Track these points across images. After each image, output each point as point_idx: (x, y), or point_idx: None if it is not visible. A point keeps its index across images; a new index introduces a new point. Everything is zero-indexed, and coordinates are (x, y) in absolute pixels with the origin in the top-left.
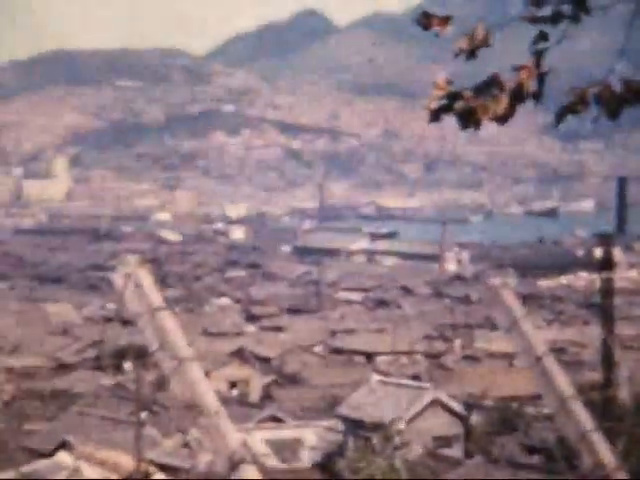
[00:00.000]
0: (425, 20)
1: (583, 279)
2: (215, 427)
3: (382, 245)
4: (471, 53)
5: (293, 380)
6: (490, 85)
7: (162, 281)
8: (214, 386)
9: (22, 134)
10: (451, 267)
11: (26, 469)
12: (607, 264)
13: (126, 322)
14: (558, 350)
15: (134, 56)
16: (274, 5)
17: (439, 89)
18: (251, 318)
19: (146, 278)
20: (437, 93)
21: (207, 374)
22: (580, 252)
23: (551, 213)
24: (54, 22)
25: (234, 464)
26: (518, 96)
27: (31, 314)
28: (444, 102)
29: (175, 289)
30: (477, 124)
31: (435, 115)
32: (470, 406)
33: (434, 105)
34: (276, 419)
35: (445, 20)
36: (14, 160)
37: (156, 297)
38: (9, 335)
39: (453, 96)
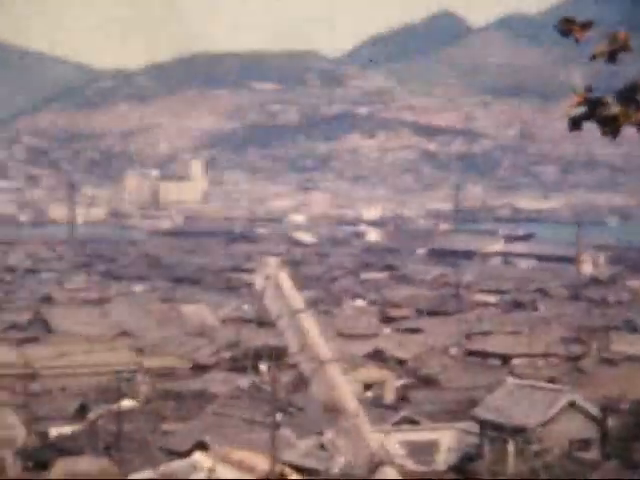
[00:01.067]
0: (566, 26)
1: None
2: (355, 429)
3: (518, 247)
4: (611, 57)
5: (428, 382)
6: (633, 90)
7: (297, 283)
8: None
9: (159, 136)
10: (588, 269)
11: (163, 469)
12: None
13: (262, 323)
14: None
15: (270, 58)
16: (409, 6)
17: (578, 97)
18: (386, 320)
19: (286, 280)
20: (576, 101)
21: None
22: None
23: None
24: (192, 25)
25: (374, 465)
26: None
27: (168, 315)
28: (584, 110)
29: (310, 291)
30: (616, 131)
31: (575, 123)
32: (607, 409)
33: (573, 113)
34: (412, 421)
35: (586, 26)
36: (151, 162)
37: (297, 299)
38: (147, 336)
39: (594, 103)
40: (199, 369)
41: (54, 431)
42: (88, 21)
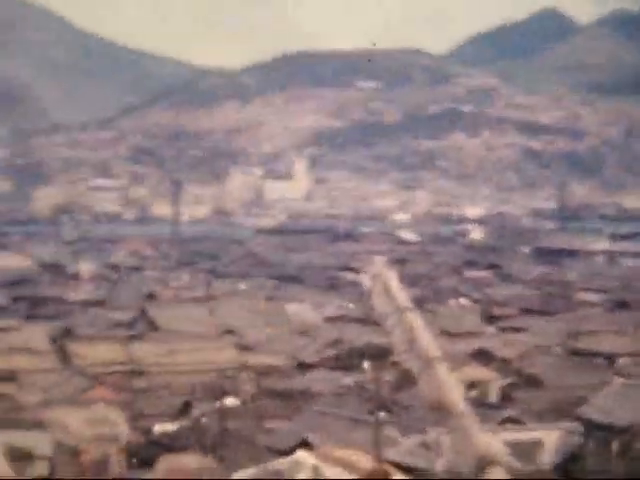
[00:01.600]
0: None
1: None
2: (462, 428)
3: (623, 246)
4: None
5: (533, 381)
6: None
7: (401, 281)
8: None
9: (262, 135)
10: None
11: (267, 467)
12: None
13: (366, 322)
14: None
15: (375, 57)
16: (513, 4)
17: None
18: (490, 319)
19: (393, 279)
20: None
21: None
22: None
23: None
24: (295, 24)
25: (482, 465)
26: None
27: (272, 313)
28: None
29: (414, 289)
30: None
31: None
32: None
33: None
34: (516, 421)
35: None
36: (255, 160)
37: (404, 298)
38: (251, 334)
39: None
40: (303, 367)
41: (158, 428)
42: (192, 20)
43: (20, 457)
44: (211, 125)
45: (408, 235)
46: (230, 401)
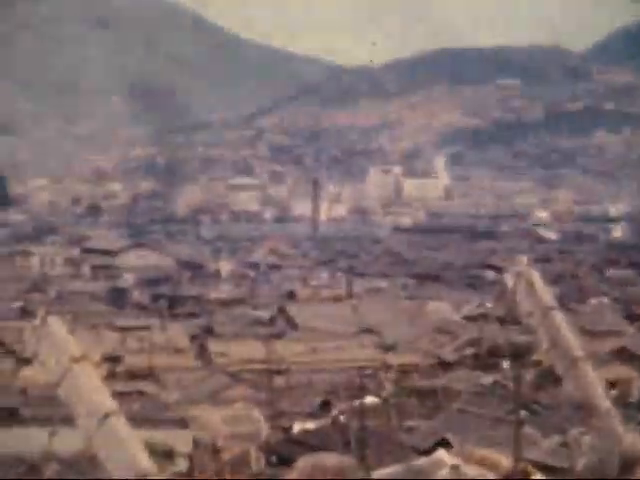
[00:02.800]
0: None
1: None
2: (607, 427)
3: None
4: None
5: None
6: None
7: (544, 280)
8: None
9: (401, 133)
10: None
11: (408, 466)
12: None
13: (505, 321)
14: None
15: (515, 54)
16: None
17: None
18: (631, 317)
19: (537, 278)
20: None
21: None
22: None
23: None
24: (436, 21)
25: (627, 465)
26: None
27: (411, 312)
28: None
29: (555, 287)
30: None
31: None
32: None
33: None
34: None
35: None
36: (393, 159)
37: (548, 297)
38: (391, 332)
39: None
40: (442, 366)
41: (297, 427)
42: (329, 17)
43: (161, 454)
44: (350, 123)
45: (548, 233)
46: (370, 400)
